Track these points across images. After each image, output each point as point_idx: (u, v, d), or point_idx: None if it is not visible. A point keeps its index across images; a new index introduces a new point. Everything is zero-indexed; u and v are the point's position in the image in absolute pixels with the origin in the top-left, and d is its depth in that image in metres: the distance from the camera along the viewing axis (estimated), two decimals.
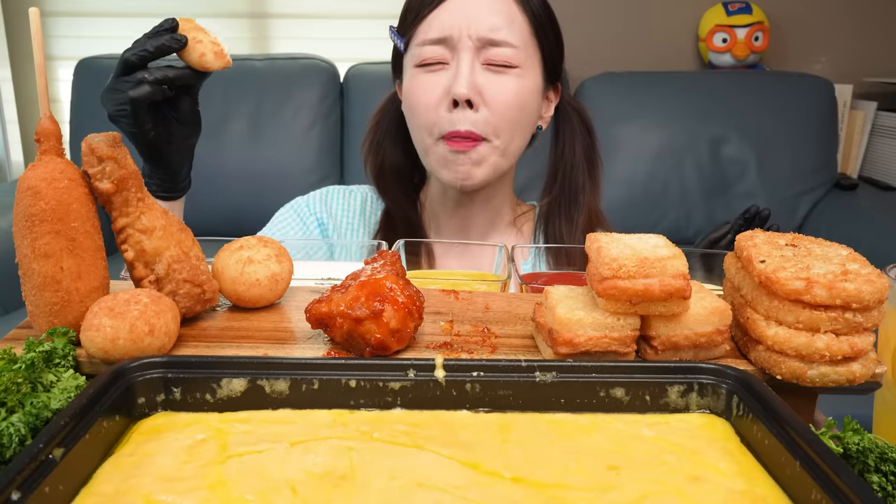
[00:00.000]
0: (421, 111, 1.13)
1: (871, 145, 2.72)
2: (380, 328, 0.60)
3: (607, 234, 0.64)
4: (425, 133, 1.14)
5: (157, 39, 0.85)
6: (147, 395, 0.54)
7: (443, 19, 1.11)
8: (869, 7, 2.80)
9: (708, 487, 0.46)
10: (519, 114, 1.13)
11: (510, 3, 1.12)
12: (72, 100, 2.44)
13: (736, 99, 2.53)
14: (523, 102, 1.13)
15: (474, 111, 1.09)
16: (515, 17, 1.12)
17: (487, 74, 1.11)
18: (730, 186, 2.50)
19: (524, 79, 1.13)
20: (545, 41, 1.17)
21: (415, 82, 1.14)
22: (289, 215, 1.32)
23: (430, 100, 1.12)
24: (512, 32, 1.11)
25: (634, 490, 0.46)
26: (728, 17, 2.68)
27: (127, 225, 0.65)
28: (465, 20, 1.09)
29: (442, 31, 1.10)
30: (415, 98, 1.14)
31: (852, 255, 0.62)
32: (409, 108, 1.17)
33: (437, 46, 1.11)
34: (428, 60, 1.12)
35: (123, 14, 2.78)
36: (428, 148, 1.15)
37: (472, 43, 1.10)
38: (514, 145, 1.16)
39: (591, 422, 0.55)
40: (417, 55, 1.13)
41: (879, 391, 0.65)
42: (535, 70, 1.16)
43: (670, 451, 0.51)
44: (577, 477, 0.47)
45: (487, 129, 1.11)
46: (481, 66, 1.11)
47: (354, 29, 2.83)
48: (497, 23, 1.10)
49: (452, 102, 1.09)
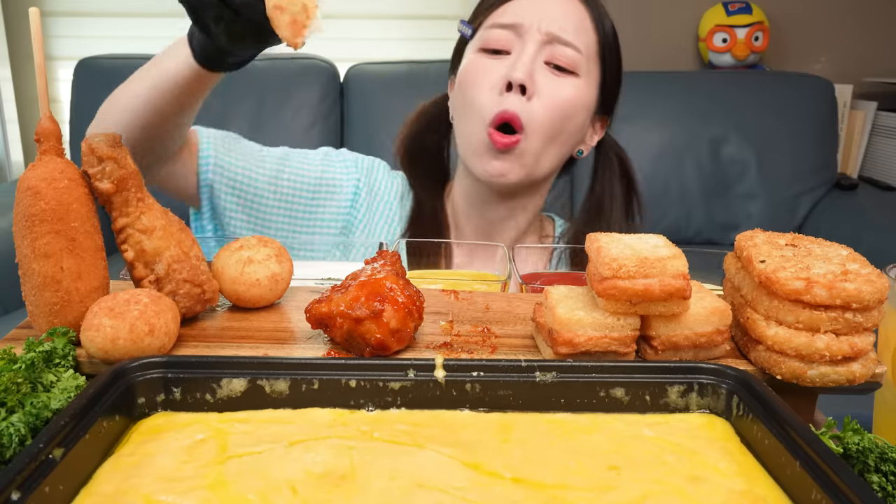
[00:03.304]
0: (475, 93, 1.12)
1: (871, 145, 2.72)
2: (380, 328, 0.60)
3: (607, 234, 0.64)
4: (474, 119, 1.13)
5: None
6: (147, 395, 0.54)
7: (517, 7, 1.13)
8: (869, 7, 2.80)
9: (708, 487, 0.46)
10: (565, 121, 1.13)
11: (584, 15, 1.15)
12: (72, 100, 2.44)
13: (736, 99, 2.53)
14: (573, 111, 1.13)
15: (526, 99, 1.09)
16: (587, 28, 1.14)
17: (546, 73, 1.11)
18: (730, 186, 2.49)
19: (580, 89, 1.13)
20: (607, 64, 1.18)
21: (474, 64, 1.15)
22: (339, 160, 1.28)
23: (485, 82, 1.12)
24: (580, 38, 1.12)
25: (635, 490, 0.46)
26: (728, 17, 2.68)
27: (127, 225, 0.65)
28: (538, 14, 1.11)
29: (514, 18, 1.12)
30: (470, 77, 1.14)
31: (852, 255, 0.62)
32: (461, 89, 1.16)
33: (505, 31, 1.12)
34: (491, 45, 1.13)
35: (123, 14, 2.78)
36: (471, 133, 1.14)
37: (539, 36, 1.11)
38: (550, 153, 1.15)
39: (591, 422, 0.55)
40: (482, 38, 1.15)
41: (879, 391, 0.65)
42: (591, 87, 1.16)
43: (670, 451, 0.51)
44: (578, 477, 0.47)
45: (533, 121, 1.10)
46: (543, 64, 1.11)
47: (354, 29, 2.83)
48: (568, 26, 1.12)
49: (507, 85, 1.09)
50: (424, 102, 1.33)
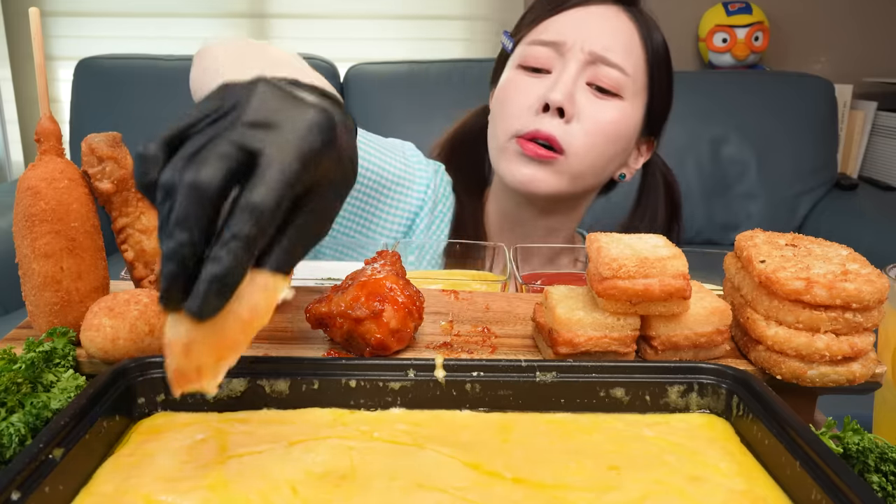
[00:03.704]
0: (508, 109, 1.07)
1: (871, 145, 2.72)
2: (380, 328, 0.60)
3: (607, 234, 0.64)
4: (503, 131, 1.08)
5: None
6: (147, 395, 0.54)
7: (560, 25, 1.07)
8: (869, 7, 2.80)
9: (708, 487, 0.46)
10: (607, 146, 1.06)
11: (633, 32, 1.07)
12: (72, 100, 2.44)
13: (736, 99, 2.53)
14: (616, 135, 1.07)
15: (564, 122, 1.03)
16: (634, 47, 1.07)
17: (588, 95, 1.05)
18: (730, 186, 2.49)
19: (624, 112, 1.07)
20: (656, 86, 1.11)
21: (512, 81, 1.09)
22: (415, 157, 1.17)
23: (521, 100, 1.06)
24: (627, 59, 1.05)
25: (635, 490, 0.46)
26: (728, 17, 2.68)
27: (127, 225, 0.65)
28: (582, 31, 1.05)
29: (556, 36, 1.06)
30: (506, 94, 1.09)
31: (852, 255, 0.62)
32: (497, 103, 1.11)
33: (545, 48, 1.07)
34: (531, 62, 1.08)
35: (123, 14, 2.78)
36: (502, 147, 1.08)
37: (582, 56, 1.04)
38: (588, 178, 1.09)
39: (591, 422, 0.55)
40: (522, 54, 1.09)
41: (879, 391, 0.65)
42: (637, 110, 1.09)
43: (670, 451, 0.51)
44: (578, 477, 0.47)
45: (571, 144, 1.04)
46: (584, 85, 1.05)
47: (354, 29, 2.83)
48: (614, 45, 1.05)
49: (543, 107, 1.04)
50: (467, 114, 1.28)
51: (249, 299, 0.45)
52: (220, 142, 0.44)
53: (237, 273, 0.43)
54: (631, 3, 1.11)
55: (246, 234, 0.42)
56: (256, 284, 0.45)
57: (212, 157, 0.43)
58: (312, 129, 0.45)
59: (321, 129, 0.46)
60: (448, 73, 2.46)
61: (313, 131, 0.45)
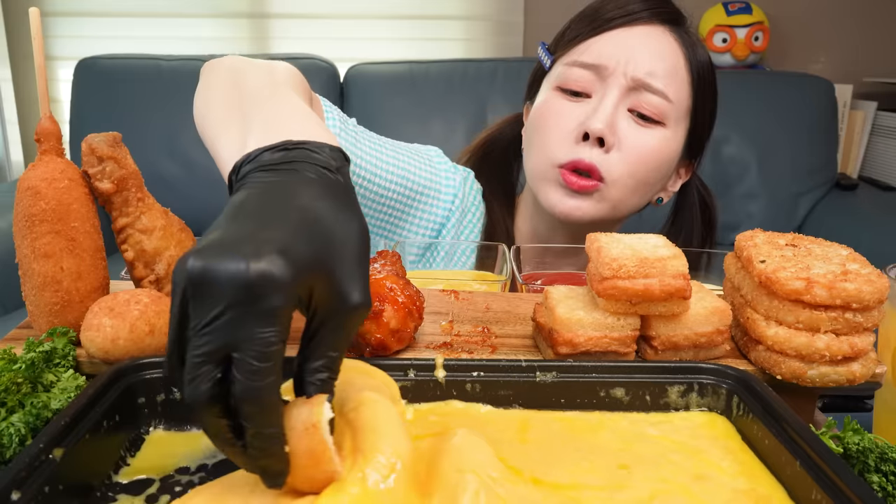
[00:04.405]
0: (547, 136, 1.03)
1: (871, 145, 2.72)
2: (380, 328, 0.60)
3: (607, 235, 0.64)
4: (542, 158, 1.04)
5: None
6: (147, 394, 0.54)
7: (601, 46, 1.02)
8: (869, 7, 2.80)
9: (713, 487, 0.47)
10: (648, 175, 1.03)
11: (678, 54, 1.03)
12: (72, 100, 2.44)
13: (736, 99, 2.53)
14: (658, 164, 1.03)
15: (604, 151, 1.00)
16: (679, 70, 1.02)
17: (630, 122, 1.01)
18: (730, 186, 2.49)
19: (666, 140, 1.03)
20: (699, 108, 1.06)
21: (549, 104, 1.04)
22: (442, 164, 1.12)
23: (560, 127, 1.02)
24: (671, 84, 1.01)
25: (644, 489, 0.46)
26: (728, 17, 2.68)
27: (127, 225, 0.65)
28: (625, 55, 1.00)
29: (598, 58, 1.01)
30: (544, 120, 1.04)
31: (852, 255, 0.62)
32: (533, 127, 1.06)
33: (585, 71, 1.02)
34: (571, 85, 1.03)
35: (123, 14, 2.77)
36: (542, 174, 1.04)
37: (625, 81, 1.00)
38: (628, 204, 1.06)
39: (598, 420, 0.55)
40: (561, 76, 1.04)
41: (879, 391, 0.65)
42: (679, 135, 1.05)
43: (675, 450, 0.51)
44: (593, 476, 0.48)
45: (611, 173, 1.00)
46: (626, 112, 1.01)
47: (354, 29, 2.83)
48: (658, 69, 1.00)
49: (583, 135, 1.00)
50: (498, 122, 1.24)
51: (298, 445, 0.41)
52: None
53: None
54: (677, 23, 1.06)
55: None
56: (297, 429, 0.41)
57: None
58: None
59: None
60: (448, 73, 2.46)
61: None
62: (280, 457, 0.40)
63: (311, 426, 0.40)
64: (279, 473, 0.41)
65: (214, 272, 0.38)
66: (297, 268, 0.39)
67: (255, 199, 0.44)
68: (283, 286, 0.38)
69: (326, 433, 0.40)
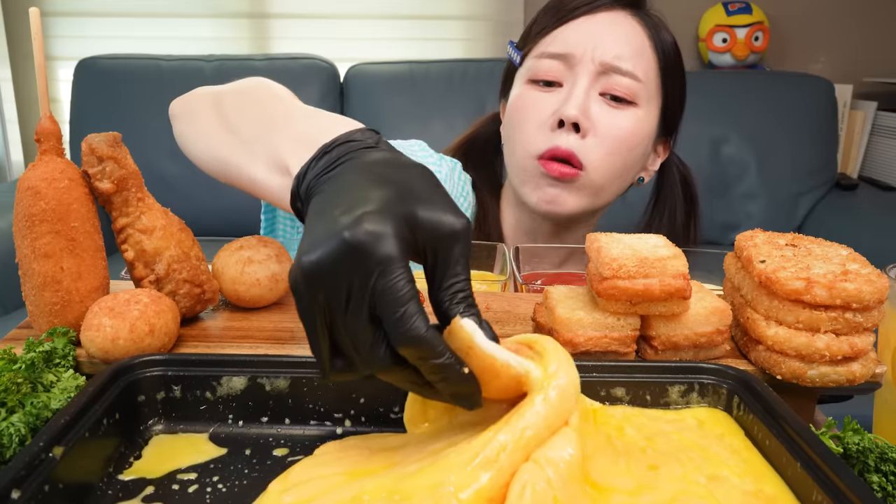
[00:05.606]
0: (523, 128, 1.05)
1: (871, 145, 2.72)
2: None
3: (607, 234, 0.64)
4: (522, 151, 1.06)
5: None
6: (147, 393, 0.54)
7: (567, 35, 1.04)
8: (869, 7, 2.80)
9: (726, 488, 0.46)
10: (625, 155, 1.05)
11: (642, 36, 1.05)
12: (72, 100, 2.44)
13: (736, 99, 2.53)
14: (634, 143, 1.05)
15: (580, 136, 1.01)
16: (645, 52, 1.05)
17: (602, 105, 1.03)
18: (730, 186, 2.49)
19: (640, 120, 1.05)
20: (669, 87, 1.09)
21: (523, 98, 1.07)
22: (424, 155, 1.12)
23: (535, 117, 1.04)
24: (638, 65, 1.03)
25: (668, 490, 0.46)
26: (728, 17, 2.68)
27: (127, 225, 0.65)
28: (591, 41, 1.02)
29: (565, 48, 1.03)
30: (519, 113, 1.06)
31: (852, 255, 0.62)
32: (510, 122, 1.09)
33: (554, 62, 1.04)
34: (542, 76, 1.05)
35: (123, 14, 2.78)
36: (523, 168, 1.06)
37: (593, 66, 1.02)
38: (609, 191, 1.07)
39: (623, 414, 0.54)
40: (532, 69, 1.07)
41: (879, 391, 0.65)
42: (652, 114, 1.08)
43: (689, 448, 0.50)
44: (627, 479, 0.47)
45: (590, 159, 1.02)
46: (598, 96, 1.03)
47: (354, 29, 2.83)
48: (625, 52, 1.02)
49: (558, 122, 1.01)
50: (478, 122, 1.26)
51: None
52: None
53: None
54: (637, 6, 1.09)
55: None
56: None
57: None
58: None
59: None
60: (448, 73, 2.46)
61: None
62: (463, 379, 0.44)
63: (468, 348, 0.43)
64: (472, 394, 0.45)
65: (324, 260, 0.42)
66: (389, 217, 0.43)
67: (329, 197, 0.48)
68: (384, 235, 0.42)
69: (488, 347, 0.43)
